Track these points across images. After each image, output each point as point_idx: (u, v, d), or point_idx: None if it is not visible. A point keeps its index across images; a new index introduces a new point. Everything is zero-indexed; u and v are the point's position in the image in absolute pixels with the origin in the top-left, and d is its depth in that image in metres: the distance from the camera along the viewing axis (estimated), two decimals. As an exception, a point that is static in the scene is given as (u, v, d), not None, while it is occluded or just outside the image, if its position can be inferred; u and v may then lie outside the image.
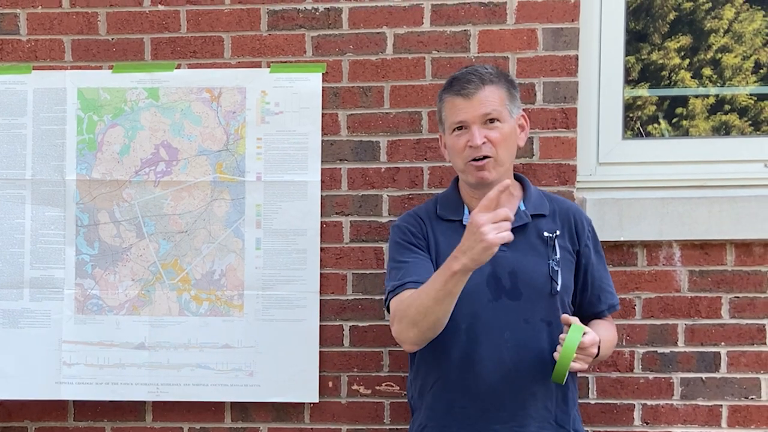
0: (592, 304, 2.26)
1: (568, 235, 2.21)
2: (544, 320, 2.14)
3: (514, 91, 2.20)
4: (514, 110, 2.17)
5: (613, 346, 2.29)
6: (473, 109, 2.12)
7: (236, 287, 2.64)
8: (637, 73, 2.84)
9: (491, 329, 2.13)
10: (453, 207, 2.25)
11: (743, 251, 2.59)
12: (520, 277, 2.15)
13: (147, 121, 2.66)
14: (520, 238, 2.13)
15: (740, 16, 2.84)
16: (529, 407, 2.13)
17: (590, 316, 2.25)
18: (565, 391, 2.18)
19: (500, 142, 2.12)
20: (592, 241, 2.25)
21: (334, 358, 2.65)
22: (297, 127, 2.62)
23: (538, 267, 2.15)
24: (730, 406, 2.60)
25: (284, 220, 2.63)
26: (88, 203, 2.67)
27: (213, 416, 2.69)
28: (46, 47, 2.68)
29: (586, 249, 2.23)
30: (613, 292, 2.30)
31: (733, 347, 2.60)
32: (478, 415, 2.15)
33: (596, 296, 2.26)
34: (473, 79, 2.13)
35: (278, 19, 2.64)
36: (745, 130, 2.82)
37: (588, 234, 2.24)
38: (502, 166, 2.14)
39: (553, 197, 2.29)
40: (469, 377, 2.14)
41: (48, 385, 2.67)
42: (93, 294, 2.66)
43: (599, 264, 2.27)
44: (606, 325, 2.27)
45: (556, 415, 2.16)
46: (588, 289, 2.24)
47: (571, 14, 2.57)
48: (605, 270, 2.30)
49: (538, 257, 2.16)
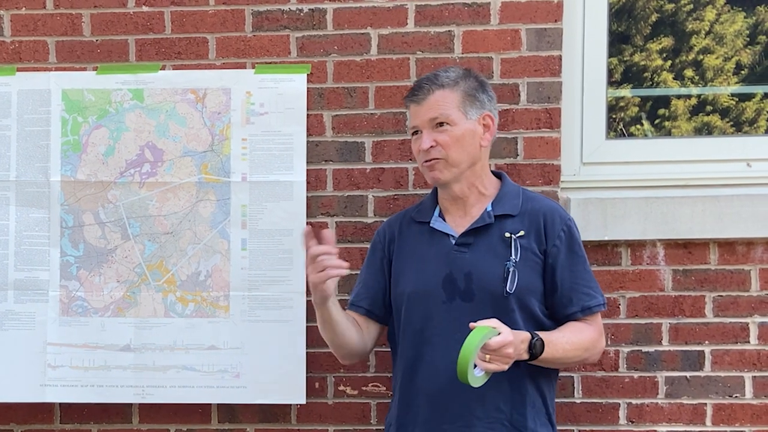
0: (562, 305, 2.16)
1: (535, 235, 2.16)
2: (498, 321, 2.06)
3: (479, 93, 2.19)
4: (471, 112, 2.17)
5: (587, 350, 2.15)
6: (423, 114, 2.17)
7: (222, 288, 2.59)
8: (619, 75, 2.83)
9: (443, 330, 2.12)
10: (426, 210, 2.28)
11: (726, 250, 2.56)
12: (474, 279, 2.13)
13: (132, 123, 2.61)
14: (481, 239, 2.16)
15: (721, 18, 2.83)
16: (475, 408, 2.11)
17: (563, 318, 2.17)
18: (523, 395, 2.13)
19: (450, 145, 2.14)
20: (565, 242, 2.17)
21: (321, 359, 2.61)
22: (282, 128, 2.59)
23: (494, 268, 2.13)
24: (715, 405, 2.57)
25: (270, 220, 2.58)
26: (72, 204, 2.62)
27: (200, 418, 2.65)
28: (30, 48, 2.64)
29: (554, 249, 2.16)
30: (591, 293, 2.18)
31: (717, 346, 2.57)
32: (429, 415, 2.15)
33: (567, 298, 2.16)
34: (424, 85, 2.17)
35: (263, 20, 2.60)
36: (726, 131, 2.80)
37: (560, 234, 2.17)
38: (456, 167, 2.16)
39: (533, 197, 2.25)
40: (421, 378, 2.15)
41: (33, 388, 2.62)
42: (78, 296, 2.61)
43: (574, 265, 2.17)
44: (576, 327, 2.16)
45: (511, 416, 2.12)
46: (557, 291, 2.16)
47: (554, 15, 2.54)
48: (584, 270, 2.19)
49: (495, 258, 2.13)
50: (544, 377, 2.17)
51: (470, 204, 2.20)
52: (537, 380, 2.15)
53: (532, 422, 2.13)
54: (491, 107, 2.21)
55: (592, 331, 2.17)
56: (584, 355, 2.17)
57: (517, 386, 2.12)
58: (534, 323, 2.13)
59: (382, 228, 2.35)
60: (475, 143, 2.17)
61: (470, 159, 2.17)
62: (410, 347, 2.18)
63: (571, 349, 2.12)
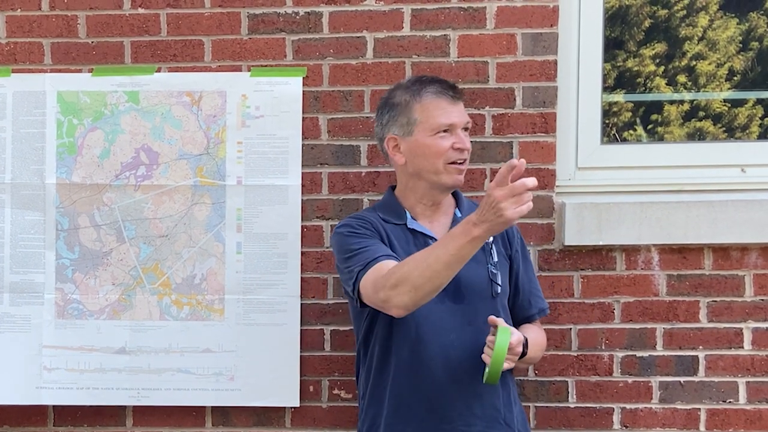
0: (523, 308, 2.24)
1: (501, 241, 2.19)
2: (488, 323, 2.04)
3: None
4: None
5: (543, 350, 2.27)
6: (461, 114, 2.11)
7: (217, 291, 2.51)
8: (613, 80, 2.75)
9: (438, 331, 2.08)
10: (395, 213, 2.18)
11: (720, 255, 2.48)
12: (462, 281, 2.07)
13: (127, 125, 2.52)
14: None
15: (714, 24, 2.76)
16: (475, 407, 2.08)
17: (522, 320, 2.23)
18: (509, 391, 2.14)
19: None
20: (521, 247, 2.25)
21: (315, 362, 2.53)
22: (277, 131, 2.50)
23: (478, 271, 2.11)
24: (708, 410, 2.49)
25: (265, 224, 2.50)
26: (68, 207, 2.53)
27: (194, 421, 2.56)
28: (26, 50, 2.54)
29: (517, 254, 2.22)
30: (542, 296, 2.29)
31: (711, 351, 2.49)
32: (425, 415, 2.09)
33: (527, 300, 2.24)
34: (458, 89, 2.12)
35: (259, 23, 2.51)
36: (719, 137, 2.73)
37: (519, 240, 2.25)
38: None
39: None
40: (417, 377, 2.09)
41: (29, 390, 2.54)
42: (73, 298, 2.53)
43: (528, 270, 2.27)
44: (535, 328, 2.25)
45: (505, 415, 2.11)
46: (520, 293, 2.23)
47: (550, 19, 2.46)
48: (534, 275, 2.30)
49: (476, 262, 2.05)
50: (512, 374, 2.20)
51: (443, 210, 2.18)
52: (513, 377, 2.20)
53: (517, 420, 2.15)
54: None
55: (543, 333, 2.28)
56: (540, 354, 2.26)
57: (505, 384, 2.12)
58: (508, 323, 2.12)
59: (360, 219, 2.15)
60: None
61: None
62: (405, 347, 2.10)
63: (538, 349, 2.21)
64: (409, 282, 1.91)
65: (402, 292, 1.92)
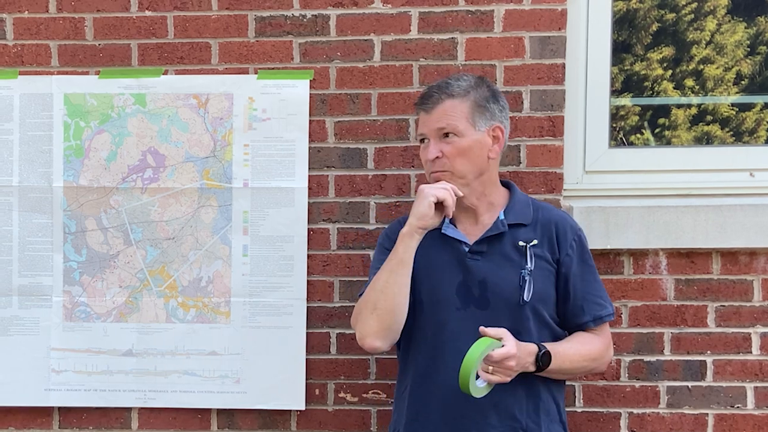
0: (575, 315, 2.07)
1: (548, 244, 2.05)
2: (514, 329, 1.96)
3: (490, 103, 2.05)
4: (480, 123, 2.03)
5: (592, 359, 2.05)
6: (431, 123, 2.05)
7: (223, 294, 2.46)
8: (620, 84, 2.68)
9: (457, 338, 1.99)
10: None
11: (729, 260, 2.42)
12: (489, 287, 2.01)
13: (134, 128, 2.47)
14: (494, 247, 2.04)
15: (722, 28, 2.68)
16: (490, 416, 2.00)
17: (574, 327, 2.08)
18: (537, 402, 2.03)
19: (455, 156, 2.02)
20: (576, 251, 2.07)
21: (321, 365, 2.48)
22: (284, 134, 2.45)
23: (509, 276, 2.01)
24: (716, 415, 2.43)
25: (271, 227, 2.45)
26: (75, 210, 2.48)
27: (199, 423, 2.51)
28: (33, 52, 2.50)
29: (567, 258, 2.05)
30: (602, 303, 2.08)
31: (719, 356, 2.43)
32: (440, 424, 2.03)
33: (579, 307, 2.06)
34: (434, 94, 2.05)
35: (266, 26, 2.46)
36: (726, 141, 2.66)
37: (571, 243, 2.07)
38: (462, 178, 2.03)
39: (543, 206, 2.13)
40: (433, 384, 2.03)
41: (37, 392, 2.51)
42: (81, 301, 2.49)
43: (585, 274, 2.08)
44: (584, 337, 2.06)
45: (527, 425, 2.00)
46: (570, 300, 2.06)
47: (558, 23, 2.40)
48: (594, 280, 2.10)
49: (510, 267, 2.01)
50: (556, 384, 2.07)
51: (480, 213, 2.08)
52: (550, 387, 2.05)
53: (546, 430, 2.01)
54: (502, 117, 2.06)
55: (600, 342, 2.09)
56: (591, 365, 2.07)
57: (532, 394, 2.02)
58: (548, 331, 2.04)
59: (392, 229, 2.16)
60: (482, 155, 2.03)
61: (477, 170, 2.04)
62: (422, 354, 2.06)
63: (579, 360, 2.03)
64: (368, 304, 1.97)
65: (365, 318, 1.97)
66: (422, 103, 2.07)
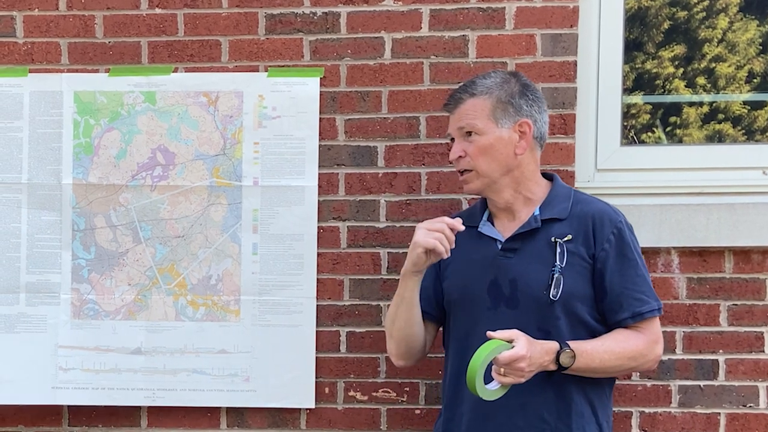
0: (613, 311, 1.98)
1: (583, 239, 1.99)
2: (541, 329, 1.95)
3: (517, 98, 2.02)
4: (504, 120, 2.01)
5: (630, 358, 1.96)
6: (453, 123, 2.08)
7: (233, 292, 2.46)
8: (631, 82, 2.67)
9: (485, 337, 1.93)
10: (476, 214, 2.15)
11: (741, 258, 2.40)
12: (519, 285, 1.99)
13: (144, 125, 2.47)
14: (527, 244, 2.00)
15: (734, 26, 2.67)
16: (516, 418, 1.97)
17: (614, 325, 1.99)
18: (568, 403, 1.97)
19: (477, 155, 2.02)
20: (614, 245, 1.98)
21: (331, 364, 2.47)
22: (294, 132, 2.44)
23: (539, 274, 1.97)
24: (729, 414, 2.41)
25: (281, 225, 2.45)
26: (84, 207, 2.48)
27: (208, 422, 2.50)
28: (43, 50, 2.50)
29: (603, 253, 1.98)
30: (643, 298, 1.98)
31: (732, 355, 2.41)
32: (471, 423, 2.03)
33: (617, 303, 1.97)
34: (456, 94, 2.07)
35: (276, 23, 2.45)
36: (738, 139, 2.65)
37: (609, 237, 1.99)
38: (486, 176, 2.03)
39: (584, 199, 2.07)
40: (464, 385, 1.98)
41: (45, 390, 2.50)
42: (89, 299, 2.48)
43: (624, 269, 1.99)
44: (621, 335, 1.98)
45: (556, 426, 1.96)
46: (607, 296, 1.98)
47: (569, 20, 2.39)
48: (636, 275, 1.99)
49: (541, 264, 1.97)
50: (592, 385, 1.99)
51: (517, 209, 2.05)
52: (584, 388, 1.98)
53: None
54: (532, 112, 2.03)
55: (641, 339, 1.99)
56: (630, 364, 1.99)
57: (563, 395, 1.97)
58: (583, 329, 1.98)
59: None
60: (506, 152, 2.01)
61: (503, 168, 2.02)
62: (455, 354, 2.07)
63: (612, 359, 1.94)
64: (386, 329, 2.14)
65: (388, 340, 2.15)
66: (446, 104, 2.10)
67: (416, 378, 2.44)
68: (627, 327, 1.98)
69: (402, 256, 2.39)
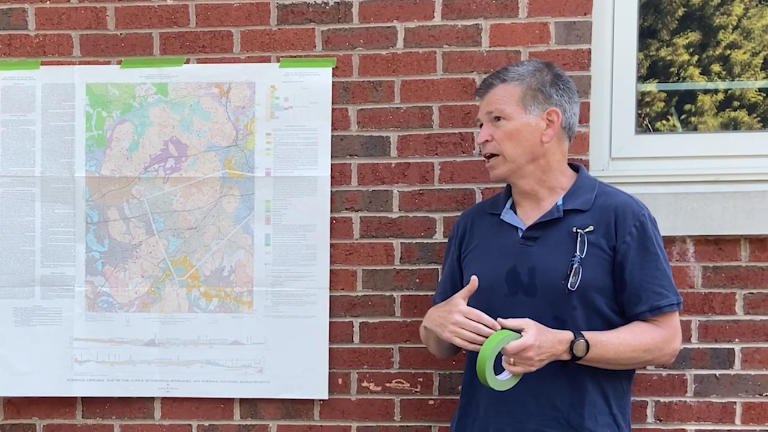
0: (631, 304, 1.97)
1: (605, 230, 1.98)
2: (558, 318, 1.95)
3: (548, 87, 2.02)
4: (533, 107, 2.01)
5: (645, 350, 1.95)
6: (483, 107, 2.09)
7: (246, 284, 2.46)
8: (645, 70, 2.65)
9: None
10: (500, 201, 2.16)
11: (757, 247, 2.38)
12: (538, 274, 1.99)
13: (156, 117, 2.47)
14: (548, 233, 2.01)
15: (749, 12, 2.65)
16: (528, 404, 1.99)
17: (633, 317, 1.99)
18: (582, 393, 1.97)
19: (503, 140, 2.03)
20: (636, 238, 1.98)
21: (344, 354, 2.47)
22: (307, 122, 2.44)
23: (559, 264, 1.97)
24: (744, 403, 2.40)
25: (294, 216, 2.44)
26: (97, 200, 2.48)
27: (222, 413, 2.51)
28: (55, 42, 2.49)
29: (624, 246, 1.97)
30: (662, 292, 1.97)
31: (747, 344, 2.39)
32: (485, 410, 2.05)
33: (636, 296, 1.96)
34: (488, 80, 2.08)
35: (288, 14, 2.44)
36: (753, 126, 2.62)
37: (630, 230, 1.98)
38: (512, 162, 2.03)
39: (608, 192, 2.06)
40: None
41: (60, 382, 2.51)
42: (103, 291, 2.49)
43: (645, 262, 1.97)
44: (638, 327, 1.97)
45: (568, 415, 1.97)
46: (626, 289, 1.97)
47: (583, 8, 2.38)
48: (656, 269, 1.98)
49: (561, 254, 1.97)
50: (607, 376, 1.99)
51: (541, 198, 2.05)
52: (599, 379, 1.98)
53: (591, 422, 1.96)
54: (562, 102, 2.02)
55: (659, 332, 1.98)
56: (646, 357, 1.97)
57: (576, 385, 1.97)
58: (600, 320, 1.97)
59: (457, 221, 2.25)
60: (533, 139, 2.01)
61: (529, 155, 2.02)
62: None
63: (626, 351, 1.94)
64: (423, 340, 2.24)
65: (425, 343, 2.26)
66: (477, 89, 2.12)
67: (430, 368, 2.44)
68: (645, 320, 1.97)
69: (415, 247, 2.43)
